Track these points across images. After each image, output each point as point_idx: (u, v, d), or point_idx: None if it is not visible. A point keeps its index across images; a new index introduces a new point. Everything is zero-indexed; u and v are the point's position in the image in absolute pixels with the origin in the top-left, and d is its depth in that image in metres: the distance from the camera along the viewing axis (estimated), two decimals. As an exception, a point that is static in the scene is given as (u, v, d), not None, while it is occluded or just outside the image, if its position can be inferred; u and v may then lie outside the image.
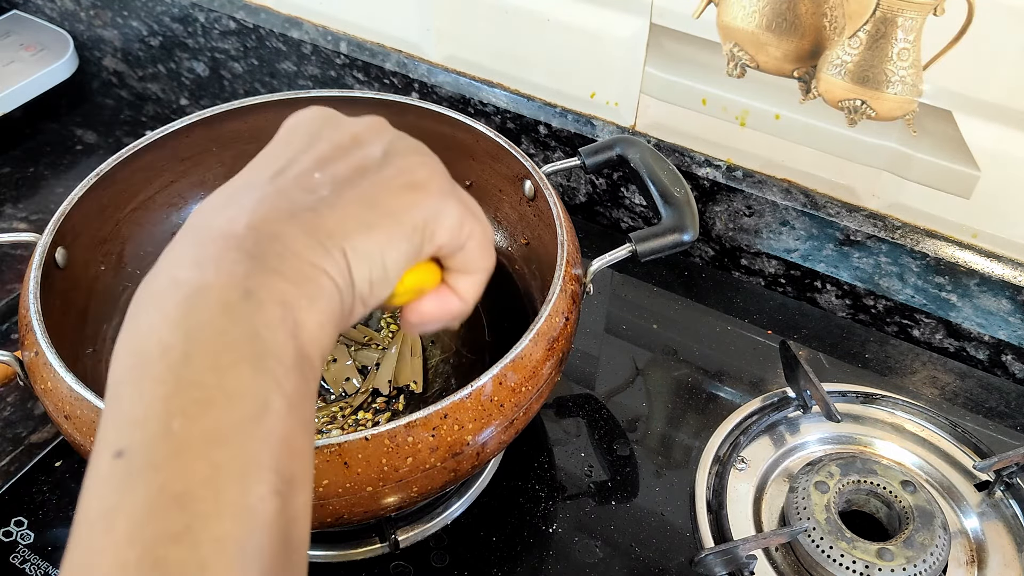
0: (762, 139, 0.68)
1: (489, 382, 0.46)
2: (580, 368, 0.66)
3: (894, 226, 0.66)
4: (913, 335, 0.70)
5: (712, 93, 0.67)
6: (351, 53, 0.81)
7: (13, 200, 0.80)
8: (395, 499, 0.45)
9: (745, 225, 0.72)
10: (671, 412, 0.64)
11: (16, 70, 0.86)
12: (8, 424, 0.62)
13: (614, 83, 0.71)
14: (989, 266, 0.64)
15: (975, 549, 0.55)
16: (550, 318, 0.49)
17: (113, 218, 0.60)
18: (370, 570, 0.54)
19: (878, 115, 0.62)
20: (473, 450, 0.46)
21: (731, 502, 0.56)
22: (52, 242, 0.53)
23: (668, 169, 0.58)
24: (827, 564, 0.51)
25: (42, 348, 0.46)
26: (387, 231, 0.32)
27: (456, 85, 0.78)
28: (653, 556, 0.55)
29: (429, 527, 0.56)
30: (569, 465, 0.60)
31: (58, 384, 0.46)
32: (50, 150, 0.86)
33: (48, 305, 0.50)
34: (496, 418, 0.46)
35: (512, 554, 0.55)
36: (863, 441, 0.61)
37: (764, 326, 0.70)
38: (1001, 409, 0.64)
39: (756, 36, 0.63)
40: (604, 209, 0.78)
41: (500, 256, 0.64)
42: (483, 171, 0.63)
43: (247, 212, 0.30)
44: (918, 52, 0.58)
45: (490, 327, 0.64)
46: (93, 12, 0.91)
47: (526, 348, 0.48)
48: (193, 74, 0.91)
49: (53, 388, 0.46)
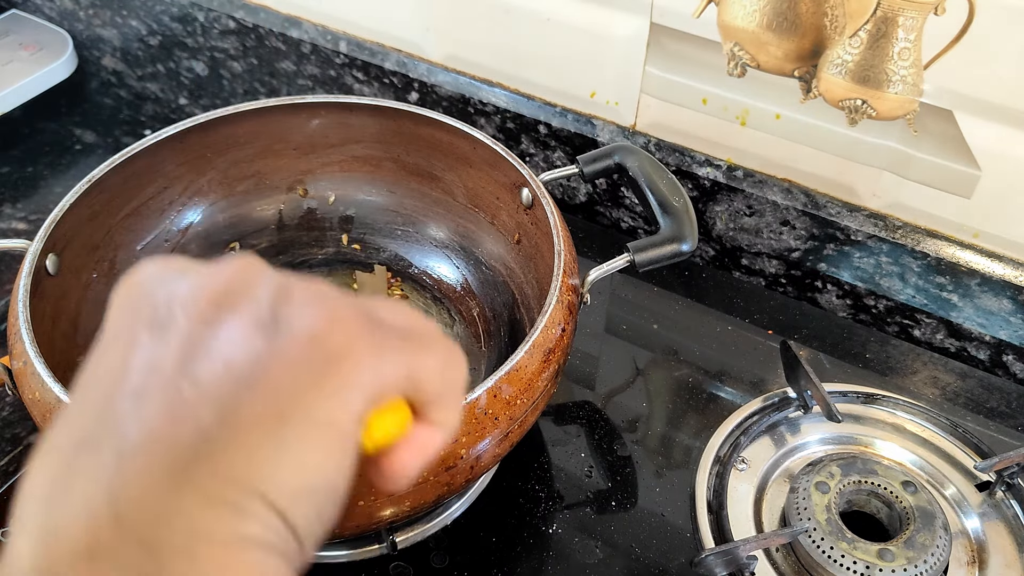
0: (762, 139, 0.68)
1: (484, 394, 0.45)
2: (580, 368, 0.66)
3: (895, 226, 0.66)
4: (914, 335, 0.70)
5: (712, 92, 0.67)
6: (351, 52, 0.80)
7: (12, 200, 0.80)
8: (388, 513, 0.44)
9: (745, 225, 0.72)
10: (671, 412, 0.64)
11: (15, 70, 0.86)
12: (7, 424, 0.62)
13: (614, 83, 0.71)
14: (990, 266, 0.64)
15: (976, 549, 0.54)
16: (546, 329, 0.49)
17: (105, 224, 0.59)
18: (370, 571, 0.54)
19: (879, 115, 0.62)
20: (467, 464, 0.45)
21: (731, 502, 0.56)
22: (43, 248, 0.52)
23: (667, 178, 0.58)
24: (828, 565, 0.51)
25: (30, 358, 0.46)
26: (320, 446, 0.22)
27: (456, 85, 0.78)
28: (653, 557, 0.55)
29: (429, 528, 0.55)
30: (569, 466, 0.60)
31: (45, 395, 0.45)
32: (49, 150, 0.86)
33: (39, 312, 0.49)
34: (491, 431, 0.46)
35: (512, 555, 0.55)
36: (864, 441, 0.61)
37: (765, 326, 0.70)
38: (1002, 409, 0.64)
39: (757, 35, 0.62)
40: (604, 209, 0.78)
41: (496, 264, 0.64)
42: (480, 178, 0.63)
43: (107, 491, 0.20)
44: (919, 51, 0.57)
45: (485, 337, 0.64)
46: (92, 11, 0.91)
47: (521, 360, 0.47)
48: (192, 73, 0.91)
49: (41, 399, 0.45)
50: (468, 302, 0.66)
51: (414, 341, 0.25)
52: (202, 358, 0.22)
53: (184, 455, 0.21)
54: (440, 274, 0.68)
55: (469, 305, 0.66)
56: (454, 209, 0.67)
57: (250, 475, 0.21)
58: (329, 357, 0.23)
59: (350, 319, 0.24)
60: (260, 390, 0.22)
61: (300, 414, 0.22)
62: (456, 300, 0.66)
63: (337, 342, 0.23)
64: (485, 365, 0.62)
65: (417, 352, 0.25)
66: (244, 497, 0.21)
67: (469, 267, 0.67)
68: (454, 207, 0.67)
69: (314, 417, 0.22)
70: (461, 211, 0.66)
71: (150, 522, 0.20)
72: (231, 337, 0.23)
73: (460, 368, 0.27)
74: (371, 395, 0.24)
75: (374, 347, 0.24)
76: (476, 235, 0.66)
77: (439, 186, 0.66)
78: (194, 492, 0.21)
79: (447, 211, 0.67)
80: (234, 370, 0.22)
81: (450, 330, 0.65)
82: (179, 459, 0.21)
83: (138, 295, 0.24)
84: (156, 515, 0.20)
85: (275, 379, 0.22)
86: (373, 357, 0.24)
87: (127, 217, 0.61)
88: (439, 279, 0.68)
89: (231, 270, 0.24)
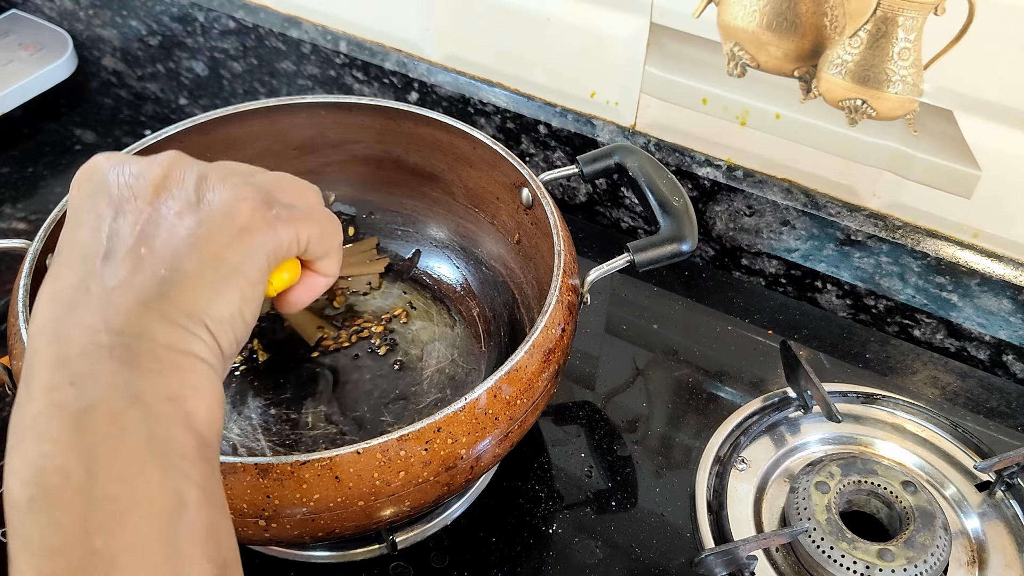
0: (762, 139, 0.68)
1: (484, 395, 0.45)
2: (580, 368, 0.66)
3: (895, 226, 0.66)
4: (914, 335, 0.70)
5: (712, 92, 0.67)
6: (350, 52, 0.80)
7: (12, 200, 0.80)
8: (387, 513, 0.44)
9: (745, 225, 0.72)
10: (671, 412, 0.64)
11: (15, 70, 0.86)
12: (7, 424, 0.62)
13: (614, 83, 0.71)
14: (990, 266, 0.64)
15: (976, 549, 0.54)
16: (546, 329, 0.49)
17: None
18: (370, 571, 0.54)
19: (879, 114, 0.62)
20: (467, 464, 0.45)
21: (731, 502, 0.56)
22: (43, 248, 0.52)
23: (667, 178, 0.58)
24: (828, 565, 0.51)
25: None
26: (239, 289, 0.32)
27: (456, 84, 0.78)
28: (653, 557, 0.55)
29: (429, 528, 0.55)
30: (569, 466, 0.60)
31: None
32: (49, 150, 0.86)
33: None
34: (491, 431, 0.46)
35: (512, 555, 0.55)
36: (864, 441, 0.61)
37: (765, 326, 0.70)
38: (1002, 409, 0.64)
39: (757, 35, 0.62)
40: (604, 209, 0.78)
41: (496, 264, 0.65)
42: (481, 178, 0.63)
43: (101, 316, 0.29)
44: (919, 51, 0.57)
45: (485, 337, 0.64)
46: (92, 11, 0.91)
47: (521, 360, 0.47)
48: (192, 74, 0.91)
49: None
50: (468, 302, 0.66)
51: (300, 214, 0.35)
52: (151, 229, 0.31)
53: (149, 294, 0.30)
54: (440, 274, 0.68)
55: (469, 305, 0.66)
56: (454, 209, 0.67)
57: (195, 308, 0.30)
58: (242, 227, 0.32)
59: (251, 198, 0.33)
60: (196, 250, 0.31)
61: (224, 267, 0.31)
62: (456, 300, 0.66)
63: (244, 216, 0.33)
64: (485, 365, 0.62)
65: (302, 222, 0.35)
66: (191, 323, 0.30)
67: (469, 267, 0.67)
68: (454, 207, 0.67)
69: (233, 268, 0.32)
70: (461, 211, 0.66)
71: (131, 332, 0.29)
72: (169, 213, 0.32)
73: (336, 233, 0.38)
74: (269, 253, 0.33)
75: (270, 219, 0.33)
76: (476, 235, 0.66)
77: (439, 186, 0.66)
78: (159, 317, 0.30)
79: (447, 211, 0.67)
80: (175, 237, 0.31)
81: (450, 330, 0.65)
82: (146, 296, 0.30)
83: (96, 183, 0.33)
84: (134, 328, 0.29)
85: (204, 242, 0.31)
86: (269, 226, 0.33)
87: (127, 217, 0.61)
88: (439, 279, 0.68)
89: (165, 162, 0.33)
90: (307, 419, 0.59)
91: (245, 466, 0.41)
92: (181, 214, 0.32)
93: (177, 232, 0.31)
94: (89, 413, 0.27)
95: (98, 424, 0.27)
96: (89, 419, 0.27)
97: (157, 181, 0.32)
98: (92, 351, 0.28)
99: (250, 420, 0.58)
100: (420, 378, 0.62)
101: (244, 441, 0.57)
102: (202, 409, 0.29)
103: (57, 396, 0.28)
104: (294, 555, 0.55)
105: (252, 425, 0.58)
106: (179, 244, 0.31)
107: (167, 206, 0.32)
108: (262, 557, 0.55)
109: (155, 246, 0.31)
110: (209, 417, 0.30)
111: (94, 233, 0.31)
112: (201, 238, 0.31)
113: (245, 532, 0.43)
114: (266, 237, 0.33)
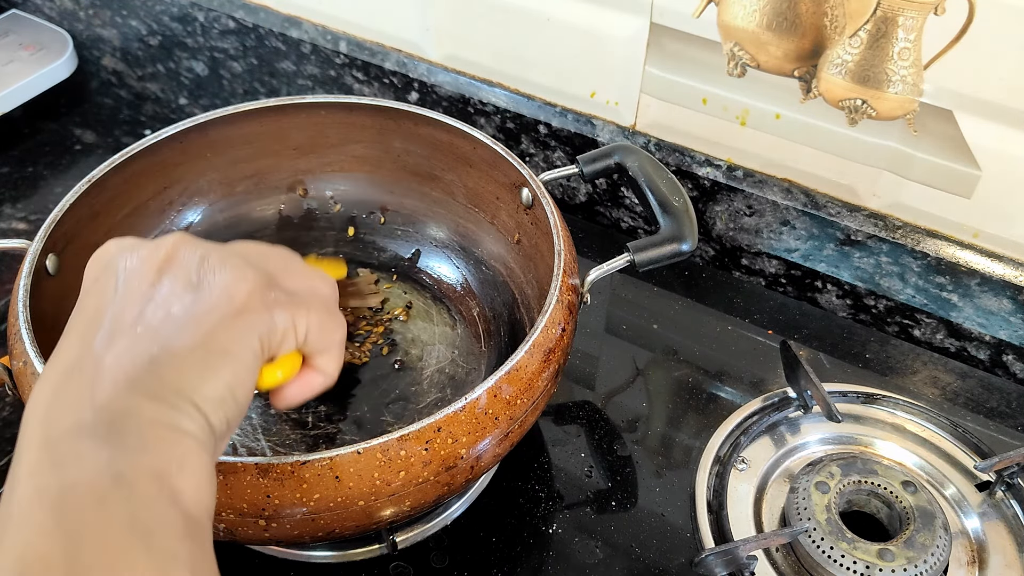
0: (762, 139, 0.68)
1: (484, 394, 0.45)
2: (580, 368, 0.66)
3: (895, 226, 0.66)
4: (914, 335, 0.70)
5: (712, 92, 0.67)
6: (350, 52, 0.80)
7: (12, 200, 0.80)
8: (388, 513, 0.44)
9: (745, 225, 0.72)
10: (671, 412, 0.64)
11: (15, 70, 0.86)
12: (7, 424, 0.62)
13: (614, 83, 0.71)
14: (990, 266, 0.64)
15: (976, 549, 0.54)
16: (546, 329, 0.49)
17: (105, 224, 0.59)
18: (370, 570, 0.54)
19: (879, 114, 0.62)
20: (467, 464, 0.45)
21: (731, 502, 0.56)
22: (43, 248, 0.52)
23: (667, 178, 0.58)
24: (828, 565, 0.51)
25: (30, 358, 0.46)
26: (230, 370, 0.31)
27: (456, 84, 0.78)
28: (653, 557, 0.55)
29: (429, 528, 0.55)
30: (569, 466, 0.60)
31: None
32: (49, 150, 0.86)
33: (39, 312, 0.49)
34: (491, 431, 0.46)
35: (512, 555, 0.55)
36: (864, 441, 0.61)
37: (765, 326, 0.70)
38: (1002, 409, 0.64)
39: (757, 35, 0.62)
40: (604, 209, 0.78)
41: (496, 264, 0.64)
42: (480, 178, 0.63)
43: (88, 393, 0.29)
44: (919, 51, 0.57)
45: (485, 337, 0.64)
46: (92, 11, 0.91)
47: (521, 360, 0.47)
48: (192, 73, 0.91)
49: None
50: (468, 302, 0.66)
51: (300, 301, 0.35)
52: (150, 309, 0.32)
53: (140, 372, 0.30)
54: (440, 274, 0.68)
55: (469, 305, 0.66)
56: (454, 209, 0.67)
57: (184, 386, 0.30)
58: (237, 308, 0.32)
59: (251, 280, 0.33)
60: (189, 330, 0.31)
61: (215, 346, 0.31)
62: (456, 300, 0.66)
63: (240, 298, 0.33)
64: (485, 365, 0.62)
65: (301, 309, 0.35)
66: (179, 400, 0.30)
67: (469, 267, 0.67)
68: (454, 207, 0.67)
69: (224, 348, 0.31)
70: (461, 211, 0.66)
71: (116, 409, 0.29)
72: (169, 294, 0.32)
73: (338, 329, 0.37)
74: (263, 335, 0.33)
75: (267, 303, 0.33)
76: (476, 235, 0.66)
77: (439, 186, 0.66)
78: (146, 394, 0.29)
79: (447, 211, 0.67)
80: (171, 316, 0.31)
81: (451, 330, 0.65)
82: (136, 375, 0.30)
83: (105, 265, 0.34)
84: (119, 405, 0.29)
85: (198, 322, 0.31)
86: (265, 310, 0.33)
87: (127, 217, 0.61)
88: (439, 279, 0.68)
89: (170, 244, 0.34)
90: (307, 419, 0.59)
91: (245, 466, 0.41)
92: (180, 294, 0.32)
93: (173, 311, 0.31)
94: (70, 495, 0.26)
95: (79, 507, 0.26)
96: (70, 502, 0.26)
97: (161, 263, 0.33)
98: (75, 430, 0.28)
99: (250, 420, 0.58)
100: (420, 378, 0.62)
101: (244, 441, 0.57)
102: (190, 486, 0.29)
103: (39, 481, 0.27)
104: (294, 555, 0.55)
105: (252, 425, 0.58)
106: (173, 323, 0.31)
107: (168, 287, 0.32)
108: (262, 557, 0.55)
109: (151, 325, 0.31)
110: (197, 494, 0.29)
111: (97, 314, 0.32)
112: (195, 317, 0.31)
113: (245, 532, 0.43)
114: (260, 319, 0.33)
